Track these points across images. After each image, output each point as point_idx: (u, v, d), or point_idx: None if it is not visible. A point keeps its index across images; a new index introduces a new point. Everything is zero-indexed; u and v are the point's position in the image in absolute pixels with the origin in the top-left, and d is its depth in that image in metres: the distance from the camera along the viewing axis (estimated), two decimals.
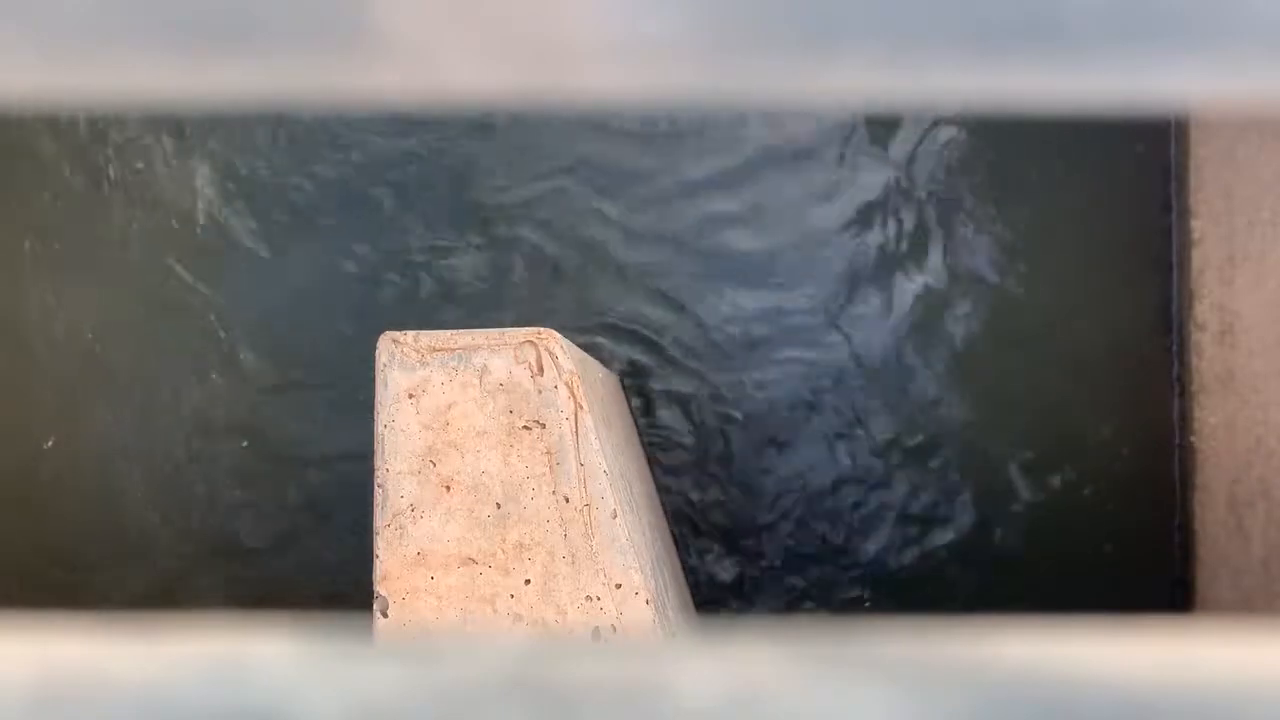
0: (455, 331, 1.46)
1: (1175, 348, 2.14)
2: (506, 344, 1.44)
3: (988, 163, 2.16)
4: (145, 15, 0.37)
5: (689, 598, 2.04)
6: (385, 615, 1.42)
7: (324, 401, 2.17)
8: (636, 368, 2.16)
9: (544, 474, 1.42)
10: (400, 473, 1.43)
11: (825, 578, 2.17)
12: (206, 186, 2.19)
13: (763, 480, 2.17)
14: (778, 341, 2.17)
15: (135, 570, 2.18)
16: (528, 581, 1.41)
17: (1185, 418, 2.11)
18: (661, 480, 2.15)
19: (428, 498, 1.42)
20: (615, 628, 1.41)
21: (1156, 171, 2.14)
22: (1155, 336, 2.14)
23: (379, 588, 1.42)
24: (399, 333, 1.46)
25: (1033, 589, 2.15)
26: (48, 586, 2.18)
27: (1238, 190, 1.96)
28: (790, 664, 0.38)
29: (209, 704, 0.38)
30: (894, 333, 2.16)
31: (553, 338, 1.45)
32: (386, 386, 1.44)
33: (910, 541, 2.16)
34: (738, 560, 2.17)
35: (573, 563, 1.41)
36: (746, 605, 2.16)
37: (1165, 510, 2.14)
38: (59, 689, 0.38)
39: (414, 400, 1.43)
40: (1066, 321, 2.15)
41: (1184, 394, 2.12)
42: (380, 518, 1.43)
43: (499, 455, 1.42)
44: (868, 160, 2.17)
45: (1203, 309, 2.06)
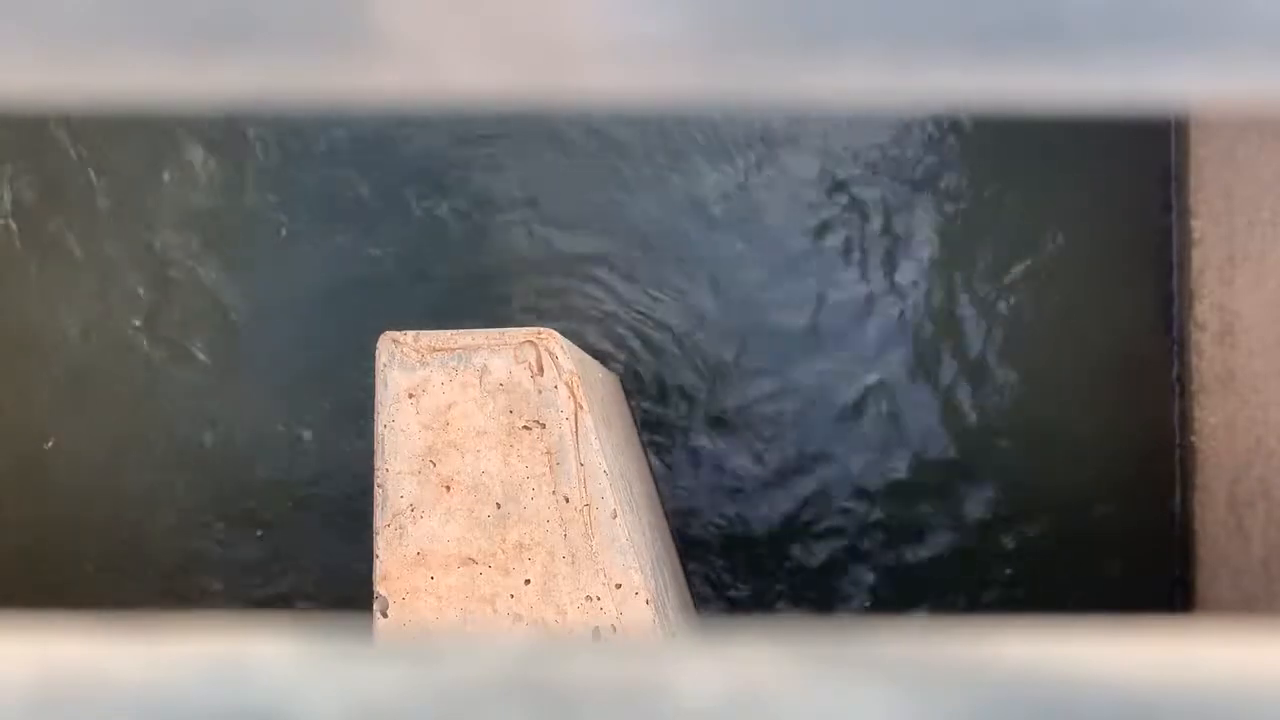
0: (455, 331, 1.46)
1: (1175, 348, 2.14)
2: (506, 344, 1.44)
3: (987, 163, 2.16)
4: (145, 15, 0.37)
5: (689, 598, 2.04)
6: (385, 615, 1.42)
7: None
8: None
9: (544, 474, 1.42)
10: (400, 473, 1.43)
11: (823, 577, 2.17)
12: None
13: (759, 434, 2.17)
14: (774, 340, 2.17)
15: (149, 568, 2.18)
16: (528, 581, 1.41)
17: (1185, 418, 2.11)
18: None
19: (428, 498, 1.42)
20: (615, 628, 1.41)
21: (1156, 171, 2.14)
22: (1155, 336, 2.14)
23: (379, 588, 1.43)
24: (399, 333, 1.46)
25: (1033, 589, 2.15)
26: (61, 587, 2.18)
27: (1238, 190, 1.96)
28: (790, 664, 0.38)
29: (209, 704, 0.38)
30: (887, 333, 2.16)
31: (553, 338, 1.45)
32: (386, 386, 1.44)
33: (910, 541, 2.16)
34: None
35: (573, 563, 1.41)
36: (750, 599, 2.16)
37: (1165, 510, 2.14)
38: (59, 689, 0.38)
39: (414, 400, 1.44)
40: (1066, 321, 2.15)
41: (1184, 394, 2.12)
42: (380, 518, 1.43)
43: (499, 455, 1.43)
44: (863, 159, 2.17)
45: (1203, 309, 2.06)
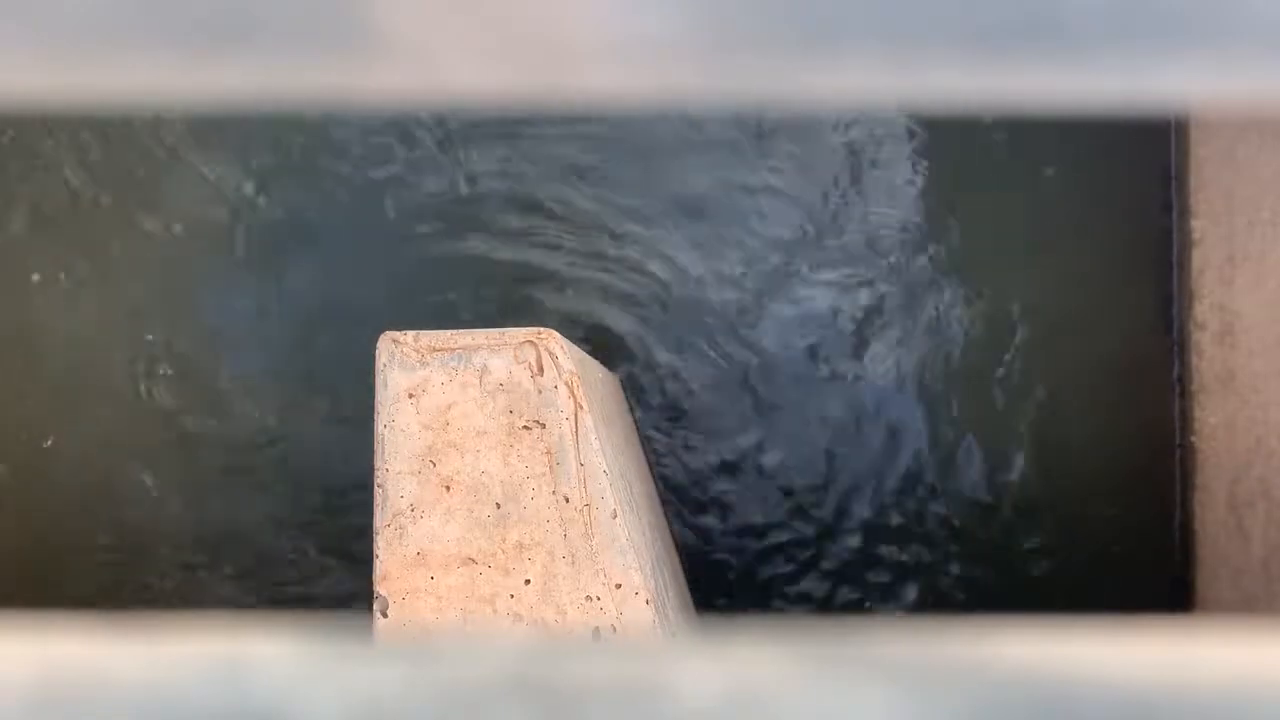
0: (455, 331, 1.46)
1: (1175, 348, 2.14)
2: (506, 344, 1.44)
3: (986, 163, 2.16)
4: (145, 15, 0.37)
5: (689, 598, 2.04)
6: (385, 615, 1.42)
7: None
8: None
9: (544, 474, 1.42)
10: (400, 473, 1.43)
11: (819, 574, 2.17)
12: None
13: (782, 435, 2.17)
14: (770, 333, 2.17)
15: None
16: (528, 581, 1.41)
17: (1185, 418, 2.11)
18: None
19: (428, 498, 1.42)
20: (615, 628, 1.41)
21: (1156, 171, 2.14)
22: (1155, 336, 2.14)
23: (379, 588, 1.43)
24: (399, 333, 1.46)
25: (1033, 589, 2.15)
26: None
27: (1238, 190, 1.96)
28: (790, 664, 0.38)
29: (209, 704, 0.38)
30: (886, 333, 2.16)
31: (552, 337, 1.45)
32: (386, 386, 1.44)
33: (909, 541, 2.16)
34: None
35: (573, 563, 1.41)
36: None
37: (1165, 510, 2.14)
38: (59, 689, 0.38)
39: (414, 400, 1.43)
40: (1066, 321, 2.15)
41: (1184, 394, 2.12)
42: (380, 518, 1.43)
43: (499, 455, 1.42)
44: (861, 158, 2.17)
45: (1203, 309, 2.06)
